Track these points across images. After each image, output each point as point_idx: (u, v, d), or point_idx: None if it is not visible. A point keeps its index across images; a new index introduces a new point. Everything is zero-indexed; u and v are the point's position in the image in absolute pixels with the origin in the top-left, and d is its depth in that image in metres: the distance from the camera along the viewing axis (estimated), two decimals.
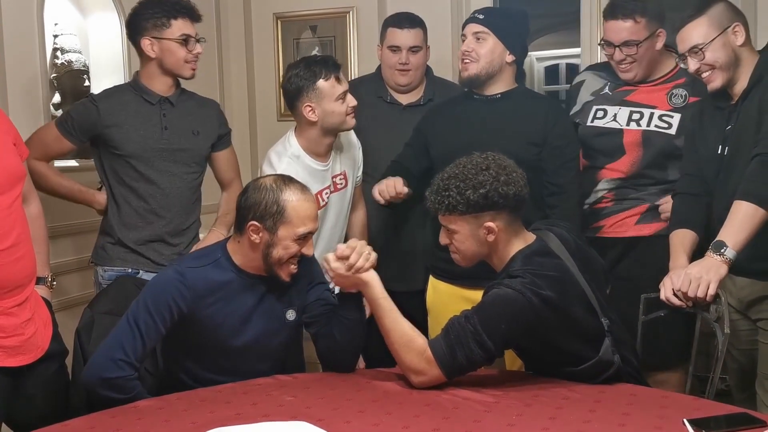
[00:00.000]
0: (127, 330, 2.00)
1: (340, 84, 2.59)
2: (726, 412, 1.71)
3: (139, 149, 2.57)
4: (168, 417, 1.80)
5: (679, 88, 2.59)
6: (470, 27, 2.57)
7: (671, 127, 2.56)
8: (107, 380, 1.96)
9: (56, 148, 2.61)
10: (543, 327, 1.89)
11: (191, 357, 2.13)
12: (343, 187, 2.75)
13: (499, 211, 1.96)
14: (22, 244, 2.03)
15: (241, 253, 2.10)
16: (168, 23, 2.55)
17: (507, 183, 1.95)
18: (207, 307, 2.06)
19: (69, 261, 3.03)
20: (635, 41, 2.54)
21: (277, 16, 4.01)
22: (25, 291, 2.04)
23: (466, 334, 1.88)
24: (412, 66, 2.94)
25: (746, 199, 2.05)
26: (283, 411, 1.81)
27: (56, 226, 2.84)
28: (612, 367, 1.94)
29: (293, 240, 2.03)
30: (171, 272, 2.08)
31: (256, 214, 2.02)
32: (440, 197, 1.98)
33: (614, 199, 2.66)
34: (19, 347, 2.02)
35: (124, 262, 2.61)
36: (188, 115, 2.69)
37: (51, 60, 3.11)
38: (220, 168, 2.83)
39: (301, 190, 2.06)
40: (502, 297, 1.88)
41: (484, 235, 1.98)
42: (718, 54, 2.19)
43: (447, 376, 1.90)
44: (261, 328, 2.12)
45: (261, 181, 2.08)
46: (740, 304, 2.26)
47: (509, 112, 2.58)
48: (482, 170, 1.96)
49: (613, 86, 2.70)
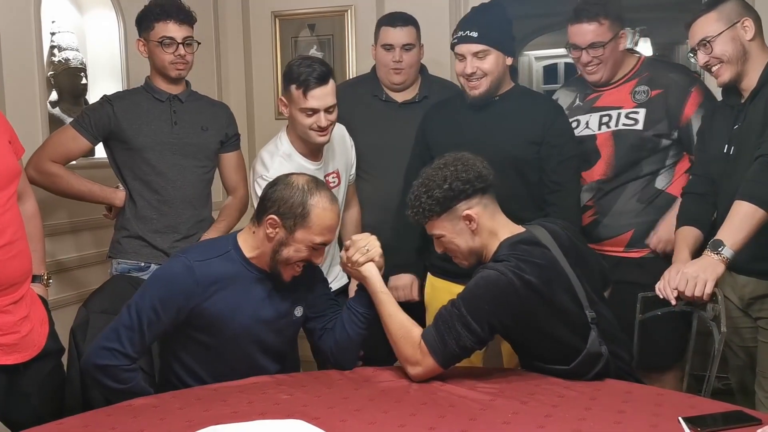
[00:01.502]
0: (128, 321, 1.97)
1: (307, 100, 2.47)
2: (721, 410, 1.70)
3: (150, 142, 2.64)
4: (163, 415, 1.80)
5: (641, 85, 2.65)
6: (467, 47, 2.52)
7: (638, 122, 2.62)
8: (99, 367, 1.96)
9: (74, 148, 2.65)
10: (527, 311, 1.92)
11: (192, 351, 2.09)
12: (335, 185, 2.75)
13: (468, 197, 2.02)
14: (18, 242, 2.03)
15: (253, 244, 2.07)
16: (152, 26, 2.63)
17: (465, 170, 2.03)
18: (215, 302, 2.02)
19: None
20: (601, 42, 2.60)
21: (275, 15, 4.01)
22: (20, 289, 2.04)
23: (452, 318, 1.92)
24: (406, 64, 2.93)
25: (746, 200, 2.06)
26: (279, 409, 1.81)
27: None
28: (601, 359, 1.96)
29: (307, 246, 2.01)
30: (179, 266, 2.03)
31: (280, 210, 2.00)
32: (415, 209, 2.06)
33: (597, 212, 2.68)
34: (15, 345, 2.01)
35: (138, 255, 2.66)
36: (198, 113, 2.77)
37: (48, 58, 3.10)
38: (226, 170, 2.87)
39: (330, 200, 2.03)
40: (485, 278, 1.93)
41: (466, 226, 2.04)
42: (726, 47, 2.22)
43: (441, 364, 1.93)
44: (268, 323, 2.10)
45: (293, 178, 2.05)
46: (742, 301, 2.27)
47: (509, 113, 2.58)
48: (440, 169, 2.05)
49: (582, 96, 2.76)
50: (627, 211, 2.64)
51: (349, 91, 3.04)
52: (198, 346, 2.08)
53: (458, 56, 2.56)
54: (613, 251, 2.67)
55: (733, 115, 2.30)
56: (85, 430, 1.73)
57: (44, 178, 2.60)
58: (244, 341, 2.08)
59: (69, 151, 2.64)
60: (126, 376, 1.96)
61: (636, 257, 2.64)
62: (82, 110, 2.76)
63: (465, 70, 2.53)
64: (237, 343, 2.08)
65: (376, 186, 2.95)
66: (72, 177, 2.66)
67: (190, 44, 2.67)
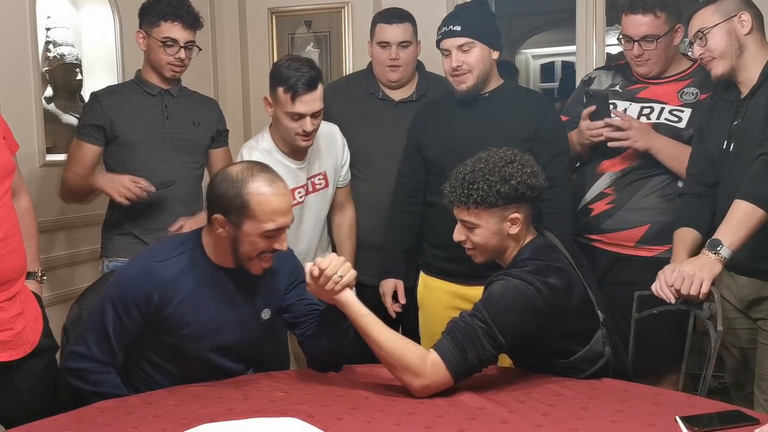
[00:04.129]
0: (92, 325, 1.95)
1: (294, 105, 2.46)
2: (719, 410, 1.70)
3: (142, 137, 2.62)
4: (158, 412, 1.79)
5: (691, 87, 2.59)
6: (451, 42, 2.51)
7: (681, 120, 2.56)
8: (71, 370, 1.95)
9: (86, 157, 2.64)
10: (551, 316, 1.88)
11: (157, 350, 2.02)
12: (322, 187, 2.72)
13: (524, 202, 1.98)
14: (12, 238, 2.02)
15: (212, 243, 1.99)
16: (157, 23, 2.60)
17: (533, 175, 1.98)
18: (176, 303, 1.95)
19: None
20: (655, 36, 2.52)
21: (271, 11, 4.00)
22: (15, 285, 2.03)
23: (475, 330, 1.84)
24: (402, 62, 2.90)
25: (746, 199, 2.05)
26: (274, 407, 1.80)
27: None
28: (602, 359, 1.95)
29: (260, 236, 1.90)
30: (137, 268, 1.96)
31: (221, 207, 1.90)
32: (467, 191, 1.95)
33: (614, 201, 2.61)
34: (10, 342, 2.00)
35: (130, 253, 2.62)
36: (189, 108, 2.75)
37: (43, 53, 3.09)
38: (216, 167, 2.83)
39: (269, 182, 1.90)
40: (512, 289, 1.87)
41: (507, 227, 1.98)
42: (719, 40, 2.20)
43: (456, 378, 1.84)
44: (234, 326, 2.02)
45: (228, 170, 1.95)
46: (741, 303, 2.26)
47: (499, 110, 2.57)
48: (508, 163, 1.97)
49: (624, 84, 2.70)
50: (645, 205, 2.58)
51: (344, 88, 3.03)
52: (162, 347, 2.01)
53: (444, 52, 2.56)
54: (622, 247, 2.62)
55: (732, 110, 2.27)
56: (79, 426, 1.72)
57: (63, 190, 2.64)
58: (206, 342, 2.00)
59: (83, 162, 2.63)
60: (97, 378, 1.93)
61: (646, 256, 2.58)
62: (78, 118, 2.74)
63: (451, 65, 2.53)
64: (199, 344, 2.00)
65: (370, 185, 2.92)
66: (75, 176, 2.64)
67: (190, 48, 2.66)
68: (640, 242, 2.59)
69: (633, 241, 2.60)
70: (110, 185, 2.55)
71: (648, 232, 2.58)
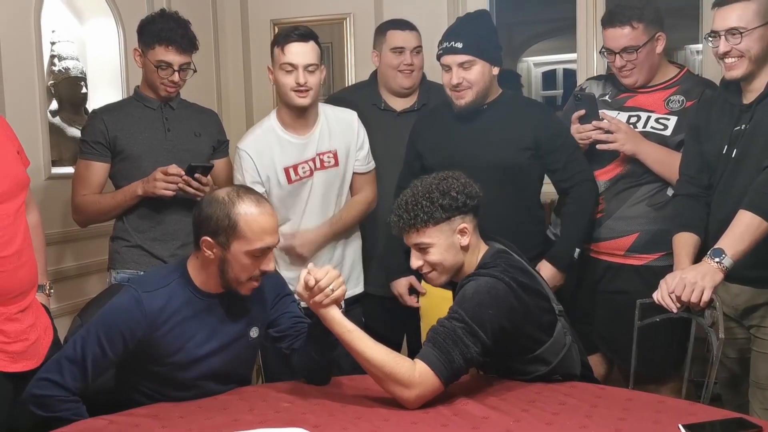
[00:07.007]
0: (72, 354, 1.92)
1: (285, 54, 2.56)
2: (721, 417, 1.71)
3: (146, 150, 2.63)
4: (164, 424, 1.80)
5: (677, 95, 2.60)
6: (452, 58, 2.52)
7: (667, 128, 2.58)
8: (35, 397, 1.90)
9: (93, 176, 2.64)
10: (521, 311, 1.95)
11: (149, 378, 2.01)
12: (331, 165, 2.73)
13: (467, 212, 2.04)
14: (26, 250, 2.06)
15: (199, 270, 2.00)
16: (152, 45, 2.60)
17: (467, 185, 2.06)
18: (165, 333, 1.95)
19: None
20: (634, 47, 2.55)
21: (274, 23, 4.03)
22: (28, 297, 2.07)
23: (456, 331, 1.88)
24: (416, 67, 2.94)
25: (752, 210, 2.04)
26: (280, 418, 1.81)
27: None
28: (564, 349, 2.02)
29: (248, 255, 1.92)
30: (127, 299, 1.95)
31: (210, 229, 1.92)
32: (413, 213, 2.01)
33: (603, 211, 2.63)
34: (23, 353, 2.04)
35: (137, 265, 2.65)
36: (189, 119, 2.76)
37: (48, 67, 3.12)
38: (216, 177, 2.84)
39: (255, 203, 1.93)
40: (483, 285, 1.94)
41: (458, 240, 2.04)
42: (754, 44, 2.15)
43: (445, 383, 1.86)
44: (223, 350, 2.02)
45: (215, 194, 1.98)
46: (735, 311, 2.25)
47: (498, 120, 2.58)
48: (443, 180, 2.06)
49: (614, 94, 2.72)
50: (634, 214, 2.60)
51: (346, 99, 3.05)
52: (151, 375, 2.01)
53: (444, 67, 2.57)
54: (612, 255, 2.64)
55: (735, 114, 2.26)
56: None
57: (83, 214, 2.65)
58: (194, 371, 2.00)
59: (91, 181, 2.63)
60: (63, 407, 1.90)
61: (636, 264, 2.60)
62: (80, 139, 2.74)
63: (451, 81, 2.54)
64: (187, 372, 2.00)
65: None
66: (98, 196, 2.65)
67: (185, 70, 2.66)
68: (630, 251, 2.61)
69: (623, 249, 2.62)
70: (151, 188, 2.54)
71: (637, 240, 2.60)
